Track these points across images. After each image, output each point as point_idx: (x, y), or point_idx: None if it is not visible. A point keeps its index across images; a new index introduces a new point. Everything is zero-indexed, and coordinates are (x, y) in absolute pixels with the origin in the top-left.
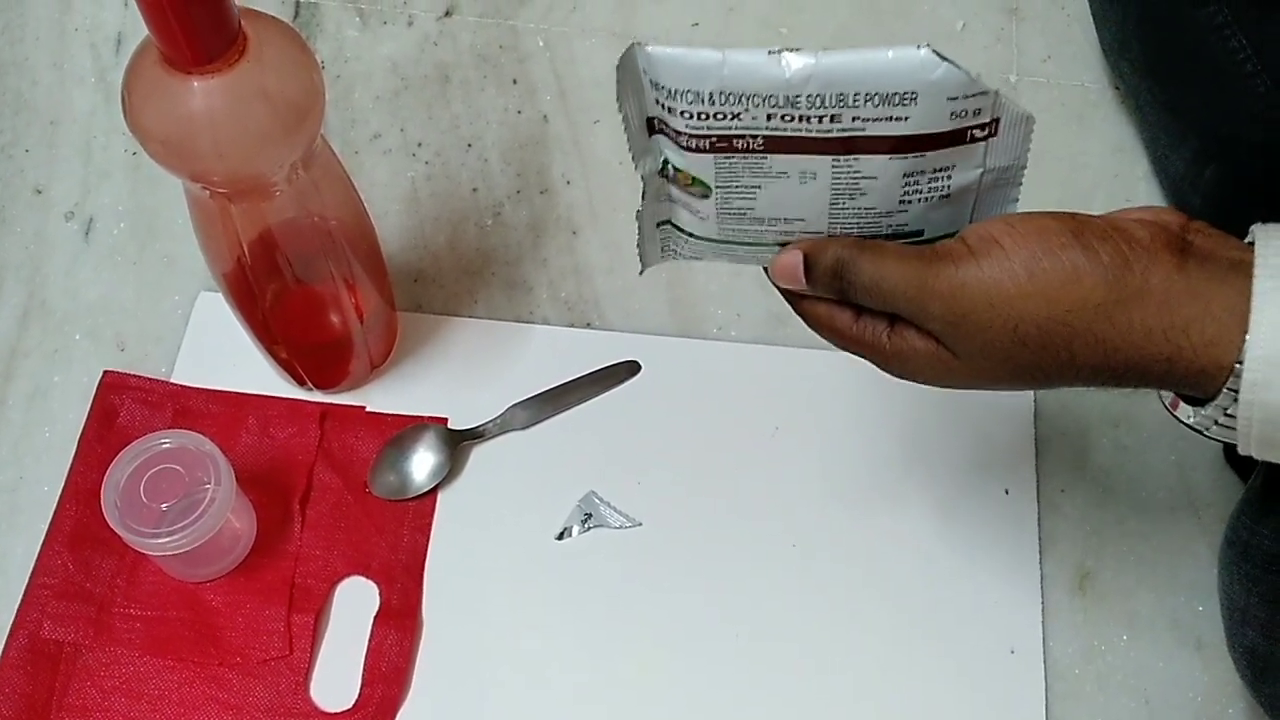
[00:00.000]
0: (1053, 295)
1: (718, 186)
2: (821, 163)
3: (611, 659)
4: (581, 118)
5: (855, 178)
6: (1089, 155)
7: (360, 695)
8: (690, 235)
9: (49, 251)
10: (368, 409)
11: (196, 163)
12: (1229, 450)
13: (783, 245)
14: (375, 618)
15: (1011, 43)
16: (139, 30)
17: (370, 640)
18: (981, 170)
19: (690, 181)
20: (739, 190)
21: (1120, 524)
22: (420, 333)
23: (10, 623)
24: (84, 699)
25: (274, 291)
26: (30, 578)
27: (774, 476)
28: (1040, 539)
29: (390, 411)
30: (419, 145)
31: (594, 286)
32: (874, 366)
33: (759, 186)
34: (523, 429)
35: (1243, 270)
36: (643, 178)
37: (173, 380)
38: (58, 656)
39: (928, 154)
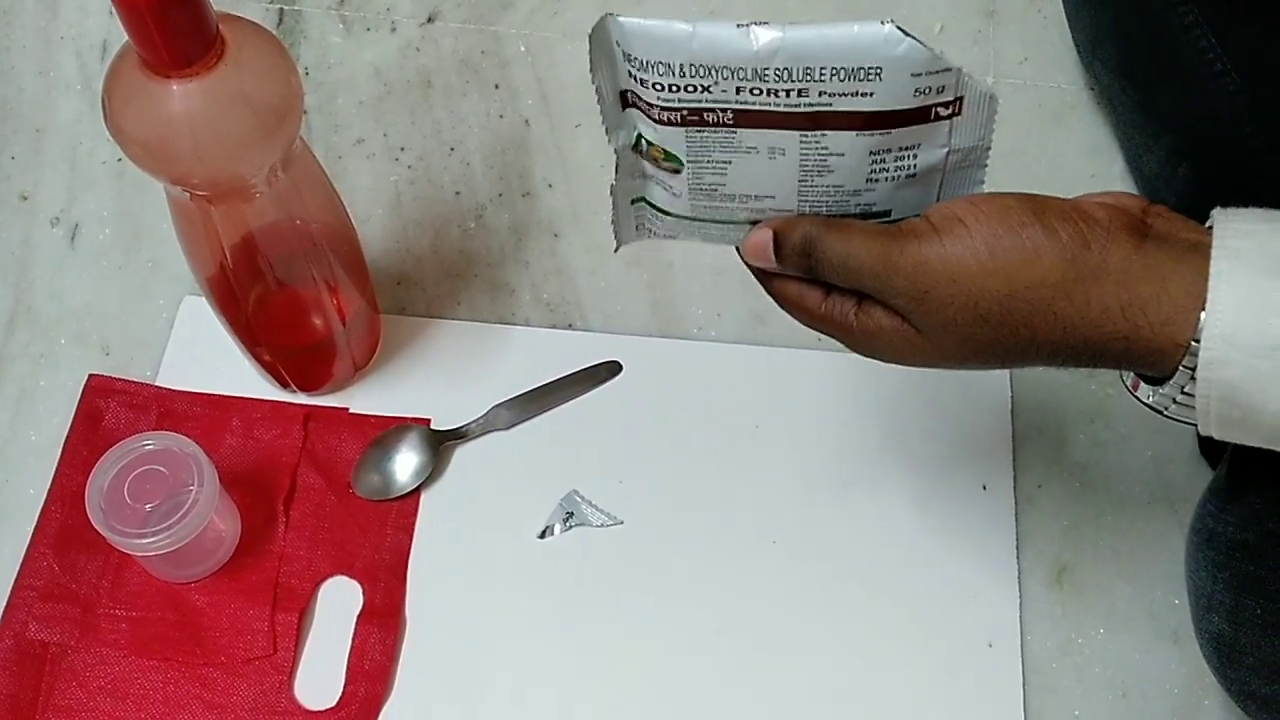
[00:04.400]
0: (1013, 272)
1: (689, 161)
2: (790, 138)
3: (594, 655)
4: (563, 122)
5: (823, 154)
6: (1065, 155)
7: (344, 693)
8: (664, 212)
9: (35, 257)
10: (351, 410)
11: (176, 165)
12: (1203, 444)
13: (754, 224)
14: (359, 617)
15: (989, 45)
16: (124, 39)
17: (354, 639)
18: (947, 150)
19: (663, 156)
20: (710, 165)
21: (1097, 519)
22: (403, 335)
23: None
24: (70, 699)
25: (257, 295)
26: (16, 580)
27: (754, 474)
28: (1018, 534)
29: (373, 413)
30: (402, 150)
31: (576, 288)
32: (844, 346)
33: (729, 162)
34: (505, 429)
35: (1200, 251)
36: (616, 151)
37: (157, 384)
38: (43, 657)
39: (893, 131)
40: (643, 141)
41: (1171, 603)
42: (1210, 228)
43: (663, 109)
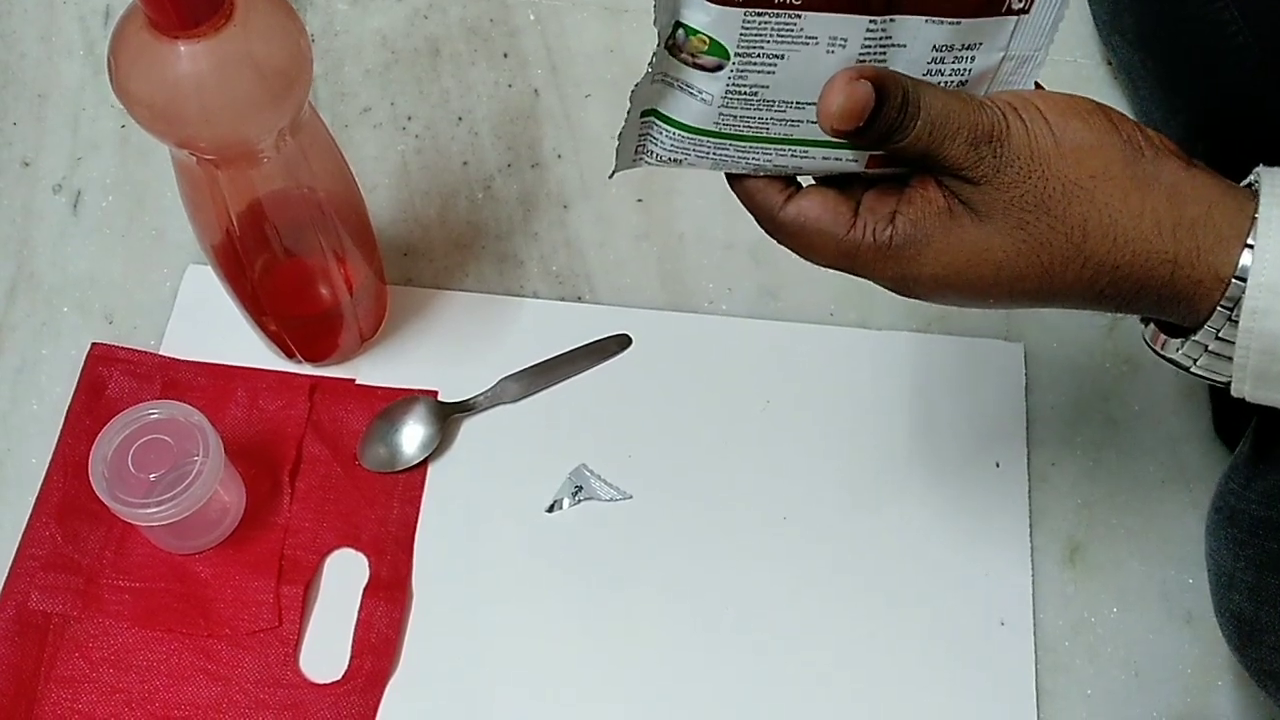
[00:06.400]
0: (1081, 157)
1: (737, 54)
2: (857, 25)
3: (601, 630)
4: (573, 92)
5: (885, 46)
6: None
7: (349, 667)
8: (678, 127)
9: (37, 224)
10: (357, 381)
11: (183, 128)
12: (1219, 422)
13: (782, 143)
14: (365, 590)
15: None
16: (127, 3)
17: (360, 612)
18: (1003, 55)
19: (705, 48)
20: (759, 61)
21: (1110, 497)
22: (410, 306)
23: None
24: (72, 670)
25: (263, 263)
26: (18, 550)
27: (765, 450)
28: (1031, 512)
29: (380, 384)
30: (409, 119)
31: (585, 260)
32: (866, 277)
33: (782, 56)
34: (513, 402)
35: (1243, 192)
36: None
37: (161, 353)
38: (46, 628)
39: (963, 22)
40: (680, 31)
41: (1185, 582)
42: (1246, 185)
43: None
